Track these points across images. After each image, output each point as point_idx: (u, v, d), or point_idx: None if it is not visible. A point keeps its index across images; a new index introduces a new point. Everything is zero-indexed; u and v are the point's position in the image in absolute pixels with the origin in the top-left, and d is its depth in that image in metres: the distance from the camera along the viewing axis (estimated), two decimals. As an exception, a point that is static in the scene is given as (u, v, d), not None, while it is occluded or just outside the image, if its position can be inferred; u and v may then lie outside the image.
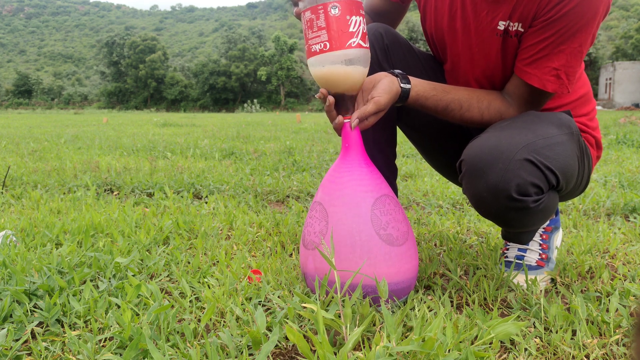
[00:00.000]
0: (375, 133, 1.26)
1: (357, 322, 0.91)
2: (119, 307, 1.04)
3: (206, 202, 2.16)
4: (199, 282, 1.19)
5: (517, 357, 0.86)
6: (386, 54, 1.23)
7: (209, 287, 1.14)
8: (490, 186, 0.98)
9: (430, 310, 1.02)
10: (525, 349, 0.88)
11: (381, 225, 1.00)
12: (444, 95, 1.09)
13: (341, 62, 1.00)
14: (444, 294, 1.10)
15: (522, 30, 1.09)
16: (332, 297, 0.99)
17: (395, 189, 1.34)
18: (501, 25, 1.11)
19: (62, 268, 1.21)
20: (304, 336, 0.89)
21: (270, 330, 0.94)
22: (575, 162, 1.06)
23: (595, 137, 1.23)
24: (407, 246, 1.03)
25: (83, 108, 58.30)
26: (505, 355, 0.87)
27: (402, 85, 1.06)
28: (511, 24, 1.09)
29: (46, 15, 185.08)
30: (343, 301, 0.88)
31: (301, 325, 0.96)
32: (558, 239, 1.34)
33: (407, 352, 0.80)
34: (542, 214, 1.03)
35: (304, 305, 0.96)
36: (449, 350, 0.81)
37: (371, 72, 1.22)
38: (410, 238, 1.05)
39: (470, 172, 1.01)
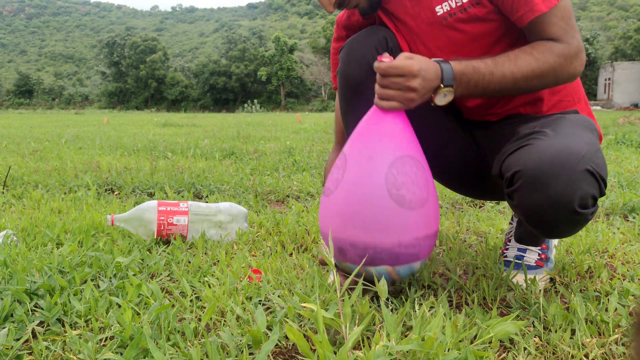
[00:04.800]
0: None
1: (357, 321, 0.91)
2: (119, 306, 1.04)
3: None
4: (200, 281, 1.20)
5: (516, 356, 0.86)
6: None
7: (210, 287, 1.15)
8: (553, 199, 0.94)
9: (430, 310, 1.02)
10: (525, 348, 0.88)
11: (395, 185, 0.97)
12: (492, 63, 1.03)
13: None
14: (443, 294, 1.10)
15: None
16: (332, 298, 0.99)
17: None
18: (439, 10, 1.11)
19: (63, 267, 1.22)
20: (304, 335, 0.89)
21: (270, 330, 0.95)
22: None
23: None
24: (420, 213, 0.99)
25: (84, 108, 58.27)
26: (504, 355, 0.88)
27: (442, 64, 1.00)
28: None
29: (47, 15, 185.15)
30: (342, 300, 0.88)
31: (301, 325, 0.96)
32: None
33: (407, 352, 0.81)
34: (588, 222, 1.02)
35: (303, 305, 0.97)
36: (448, 350, 0.82)
37: (374, 78, 1.21)
38: (428, 207, 1.00)
39: (530, 184, 0.96)
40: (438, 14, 1.12)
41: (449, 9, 1.10)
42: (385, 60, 0.98)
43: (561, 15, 1.04)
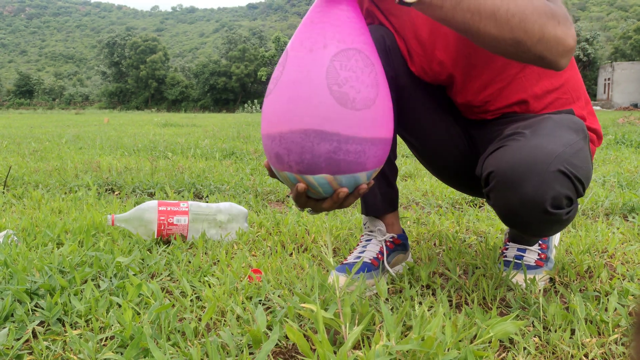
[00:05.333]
0: None
1: (357, 321, 0.91)
2: (120, 306, 1.04)
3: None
4: (200, 281, 1.20)
5: (516, 356, 0.86)
6: (387, 56, 1.23)
7: (210, 287, 1.15)
8: (524, 199, 0.94)
9: (429, 309, 1.02)
10: (524, 348, 0.88)
11: (337, 81, 0.85)
12: None
13: None
14: (443, 293, 1.10)
15: None
16: (331, 299, 0.99)
17: (395, 190, 1.34)
18: None
19: (63, 267, 1.22)
20: (304, 335, 0.89)
21: (270, 329, 0.95)
22: (591, 166, 1.05)
23: (595, 130, 1.21)
24: (366, 115, 0.86)
25: (84, 108, 58.35)
26: (504, 354, 0.88)
27: None
28: None
29: (47, 15, 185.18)
30: (342, 300, 0.88)
31: (301, 325, 0.96)
32: (556, 238, 1.34)
33: (407, 351, 0.81)
34: (569, 222, 1.02)
35: (303, 305, 0.97)
36: (448, 349, 0.82)
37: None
38: (376, 109, 0.88)
39: (502, 185, 0.97)
40: None
41: None
42: None
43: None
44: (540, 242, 1.27)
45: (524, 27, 0.89)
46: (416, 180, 2.77)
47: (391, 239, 1.27)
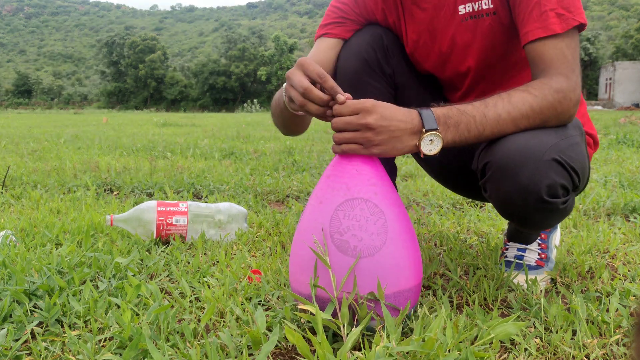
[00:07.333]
0: None
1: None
2: (118, 307, 1.04)
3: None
4: (199, 282, 1.19)
5: (517, 357, 0.86)
6: (386, 54, 1.23)
7: (209, 287, 1.14)
8: (520, 188, 0.95)
9: (430, 310, 1.02)
10: (525, 349, 0.88)
11: (338, 229, 0.89)
12: (482, 104, 0.97)
13: None
14: (444, 294, 1.10)
15: (493, 6, 1.09)
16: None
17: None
18: (462, 9, 1.11)
19: (62, 268, 1.21)
20: (303, 337, 0.89)
21: (270, 330, 0.94)
22: (587, 162, 1.06)
23: (592, 135, 1.22)
24: (366, 264, 0.88)
25: (83, 108, 58.42)
26: (505, 355, 0.87)
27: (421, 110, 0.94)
28: (479, 3, 1.10)
29: (46, 15, 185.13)
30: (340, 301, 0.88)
31: (301, 326, 0.96)
32: (557, 238, 1.34)
33: (407, 352, 0.80)
34: (565, 214, 1.03)
35: (301, 307, 0.96)
36: (449, 350, 0.81)
37: (370, 72, 1.21)
38: (379, 257, 0.89)
39: (498, 174, 0.98)
40: (460, 12, 1.12)
41: (471, 10, 1.11)
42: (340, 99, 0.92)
43: (570, 41, 1.01)
44: (539, 241, 1.26)
45: (543, 122, 0.99)
46: (417, 181, 2.77)
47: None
